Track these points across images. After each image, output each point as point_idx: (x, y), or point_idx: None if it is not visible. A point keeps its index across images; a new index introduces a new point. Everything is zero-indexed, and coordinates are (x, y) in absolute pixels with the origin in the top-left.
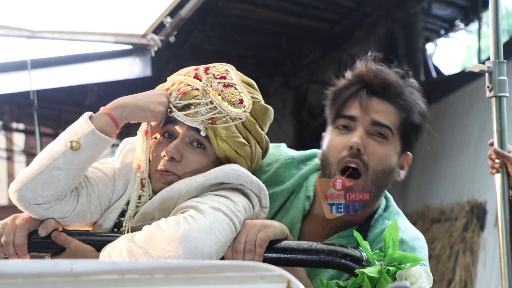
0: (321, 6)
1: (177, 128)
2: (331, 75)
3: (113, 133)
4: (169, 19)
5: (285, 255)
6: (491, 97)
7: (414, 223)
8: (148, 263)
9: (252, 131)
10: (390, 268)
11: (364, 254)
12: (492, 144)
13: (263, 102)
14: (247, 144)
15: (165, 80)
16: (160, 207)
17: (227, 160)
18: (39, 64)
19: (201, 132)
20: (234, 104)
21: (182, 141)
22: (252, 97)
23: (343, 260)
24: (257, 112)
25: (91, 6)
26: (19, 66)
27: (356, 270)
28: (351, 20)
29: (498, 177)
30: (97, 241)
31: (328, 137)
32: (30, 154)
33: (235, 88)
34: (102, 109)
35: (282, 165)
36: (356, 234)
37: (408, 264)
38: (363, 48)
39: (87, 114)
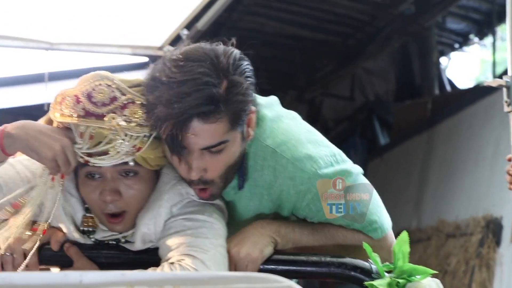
0: (335, 19)
1: (101, 168)
2: (345, 89)
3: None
4: (185, 32)
5: (295, 268)
6: (510, 112)
7: (429, 238)
8: (157, 275)
9: None
10: (400, 281)
11: (373, 266)
12: (510, 160)
13: None
14: None
15: None
16: (144, 245)
17: (159, 166)
18: (56, 76)
19: (130, 163)
20: (144, 120)
21: (114, 179)
22: None
23: (352, 273)
24: None
25: (109, 18)
26: (37, 79)
27: (366, 283)
28: (365, 34)
29: None
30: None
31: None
32: None
33: (133, 103)
34: (1, 130)
35: None
36: (366, 246)
37: (418, 276)
38: (377, 62)
39: None
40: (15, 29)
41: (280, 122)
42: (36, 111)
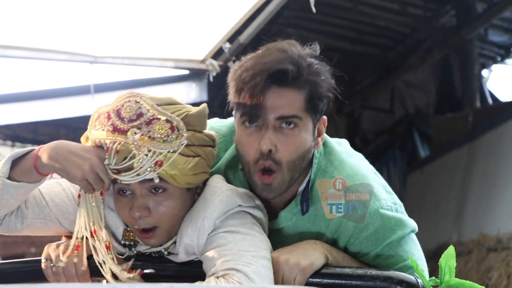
0: (375, 32)
1: (130, 185)
2: (384, 101)
3: (33, 179)
4: (228, 45)
5: (340, 281)
6: None
7: (469, 251)
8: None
9: (195, 142)
10: None
11: (419, 281)
12: None
13: (191, 109)
14: (198, 156)
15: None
16: (188, 257)
17: (189, 184)
18: (100, 88)
19: (155, 180)
20: (168, 136)
21: (143, 196)
22: (178, 114)
23: (398, 287)
24: (191, 123)
25: (152, 32)
26: (82, 91)
27: None
28: (405, 46)
29: None
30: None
31: (238, 131)
32: None
33: (158, 119)
34: (36, 150)
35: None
36: (412, 260)
37: None
38: (417, 74)
39: (17, 152)
40: (61, 43)
41: (349, 157)
42: (81, 123)
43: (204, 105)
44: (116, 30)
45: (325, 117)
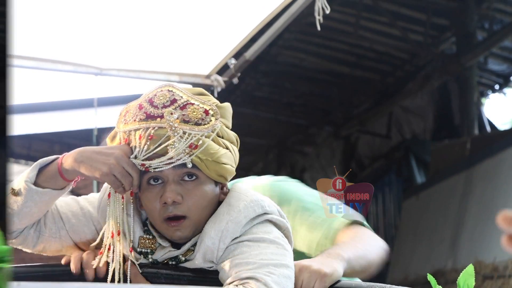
0: (374, 57)
1: (162, 172)
2: (381, 126)
3: (58, 185)
4: (233, 61)
5: None
6: None
7: None
8: None
9: (224, 136)
10: None
11: None
12: None
13: (219, 102)
14: (227, 149)
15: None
16: (204, 263)
17: (219, 176)
18: (104, 102)
19: (188, 165)
20: (203, 120)
21: (175, 182)
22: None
23: None
24: (221, 114)
25: (157, 45)
26: (86, 104)
27: None
28: (404, 72)
29: None
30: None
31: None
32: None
33: (192, 104)
34: (61, 156)
35: None
36: (430, 277)
37: None
38: (415, 100)
39: (45, 160)
40: (65, 54)
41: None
42: (77, 139)
43: (228, 103)
44: (121, 42)
45: None
